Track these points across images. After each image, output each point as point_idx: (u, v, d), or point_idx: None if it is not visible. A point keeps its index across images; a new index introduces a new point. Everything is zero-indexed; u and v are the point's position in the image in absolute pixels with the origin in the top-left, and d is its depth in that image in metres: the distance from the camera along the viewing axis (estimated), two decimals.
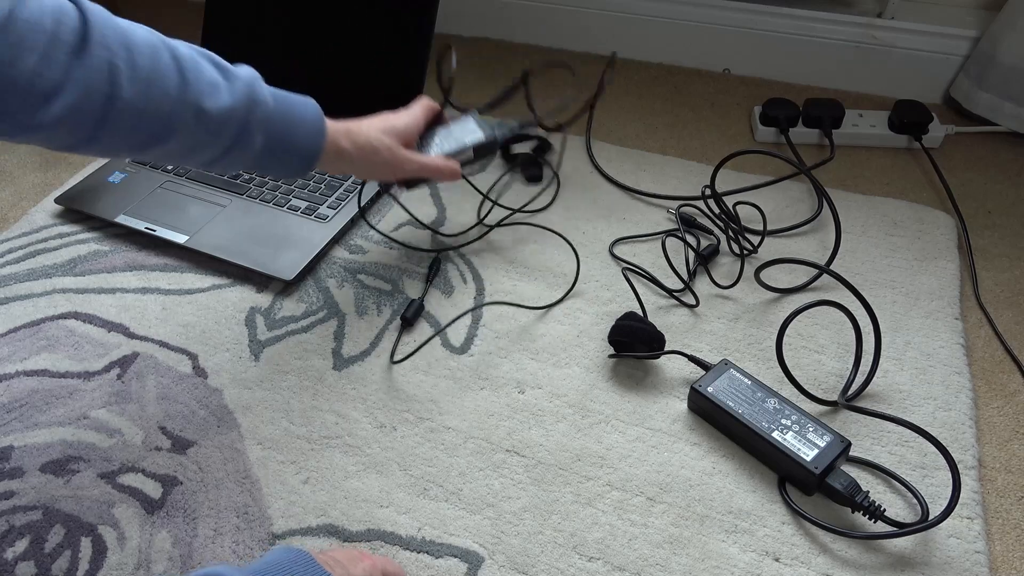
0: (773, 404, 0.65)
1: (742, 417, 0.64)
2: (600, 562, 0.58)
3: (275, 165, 0.65)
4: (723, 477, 0.64)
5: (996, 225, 0.89)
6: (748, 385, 0.66)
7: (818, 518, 0.60)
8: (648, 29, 1.17)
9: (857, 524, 0.60)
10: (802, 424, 0.63)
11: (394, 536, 0.60)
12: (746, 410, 0.64)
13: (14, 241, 0.88)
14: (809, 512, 0.61)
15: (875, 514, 0.58)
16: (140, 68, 0.52)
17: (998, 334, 0.76)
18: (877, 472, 0.63)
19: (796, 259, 0.77)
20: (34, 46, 0.47)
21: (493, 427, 0.68)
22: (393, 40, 0.92)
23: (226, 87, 0.58)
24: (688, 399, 0.69)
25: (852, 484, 0.60)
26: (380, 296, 0.80)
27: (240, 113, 0.59)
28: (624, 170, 0.96)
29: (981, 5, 1.08)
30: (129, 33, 0.53)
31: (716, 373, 0.68)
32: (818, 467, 0.60)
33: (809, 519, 0.60)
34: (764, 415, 0.64)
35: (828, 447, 0.61)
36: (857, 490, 0.59)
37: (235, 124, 0.59)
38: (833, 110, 1.00)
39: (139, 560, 0.59)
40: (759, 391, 0.66)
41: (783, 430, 0.63)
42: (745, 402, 0.65)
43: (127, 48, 0.52)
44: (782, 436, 0.62)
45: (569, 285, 0.81)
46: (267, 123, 0.62)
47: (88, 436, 0.68)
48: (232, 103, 0.58)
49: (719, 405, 0.65)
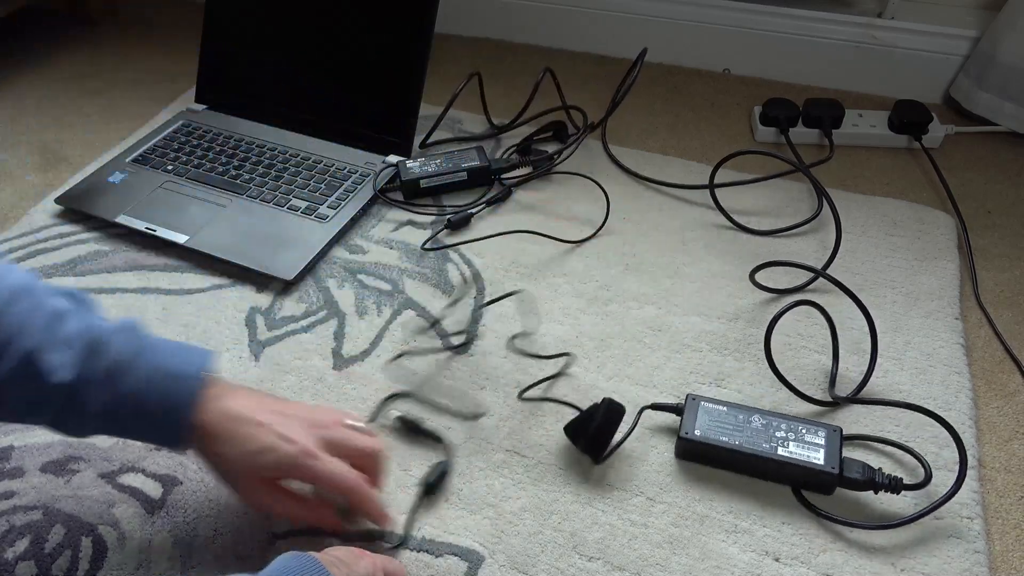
0: (759, 421, 0.63)
1: (741, 448, 0.62)
2: (600, 562, 0.58)
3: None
4: (723, 477, 0.64)
5: (996, 225, 0.89)
6: (726, 412, 0.64)
7: (837, 515, 0.60)
8: (648, 29, 1.17)
9: (875, 507, 0.60)
10: (795, 430, 0.62)
11: (394, 536, 0.60)
12: (740, 439, 0.62)
13: (14, 241, 0.88)
14: (827, 511, 0.61)
15: (896, 487, 0.59)
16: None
17: (998, 334, 0.76)
18: (871, 445, 0.65)
19: (792, 262, 0.77)
20: None
21: (493, 427, 0.68)
22: (393, 40, 0.92)
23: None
24: (676, 450, 0.65)
25: (866, 468, 0.60)
26: (380, 296, 0.80)
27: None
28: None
29: (981, 5, 1.08)
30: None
31: (691, 412, 0.64)
32: (834, 467, 0.60)
33: (837, 520, 0.60)
34: (758, 436, 0.62)
35: (829, 443, 0.61)
36: (872, 472, 0.60)
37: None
38: (833, 110, 1.00)
39: (139, 560, 0.59)
40: (739, 413, 0.64)
41: (783, 444, 0.62)
42: (735, 431, 0.63)
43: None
44: (786, 450, 0.61)
45: (569, 285, 0.81)
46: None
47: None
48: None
49: (714, 444, 0.62)
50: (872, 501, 0.61)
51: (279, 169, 0.93)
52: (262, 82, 1.01)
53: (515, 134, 1.02)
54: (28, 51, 1.27)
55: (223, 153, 0.96)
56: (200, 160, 0.95)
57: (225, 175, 0.93)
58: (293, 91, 1.00)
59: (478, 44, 1.25)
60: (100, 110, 1.12)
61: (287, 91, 1.00)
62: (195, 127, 1.01)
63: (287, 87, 1.00)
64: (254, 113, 1.02)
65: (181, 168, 0.94)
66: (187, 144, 0.98)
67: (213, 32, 1.03)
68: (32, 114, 1.12)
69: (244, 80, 1.02)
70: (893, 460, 0.64)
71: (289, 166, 0.94)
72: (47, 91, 1.17)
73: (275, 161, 0.95)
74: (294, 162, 0.94)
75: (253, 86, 1.02)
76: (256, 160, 0.95)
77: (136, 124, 1.09)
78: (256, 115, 1.02)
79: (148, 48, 1.28)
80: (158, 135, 1.00)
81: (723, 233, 0.87)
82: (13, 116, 1.11)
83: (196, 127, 1.01)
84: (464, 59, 1.21)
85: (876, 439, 0.65)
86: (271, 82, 1.01)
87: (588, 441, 0.63)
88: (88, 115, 1.11)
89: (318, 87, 0.98)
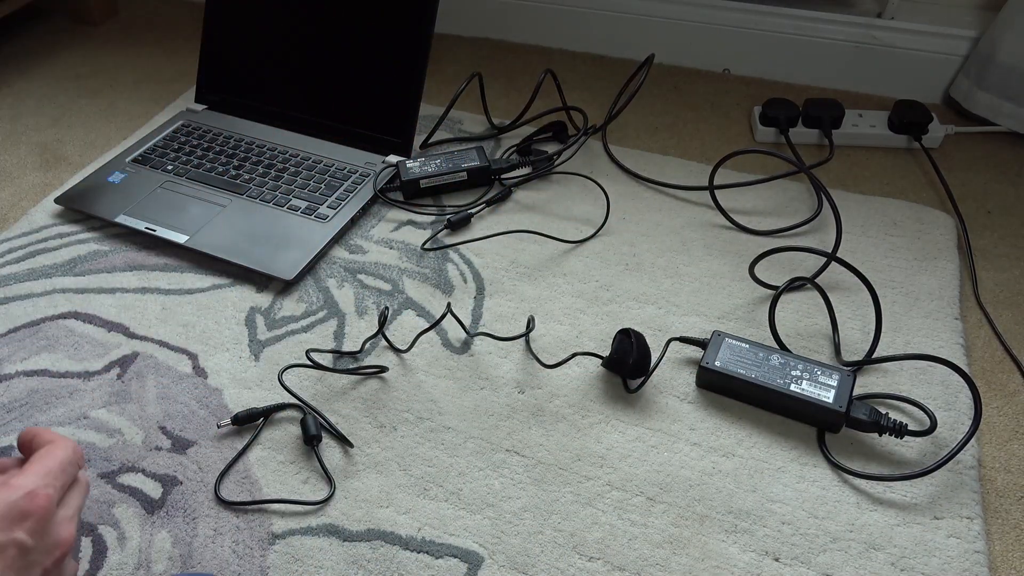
0: (777, 359, 0.68)
1: (756, 380, 0.67)
2: (600, 562, 0.58)
3: None
4: (723, 477, 0.64)
5: (996, 225, 0.89)
6: (748, 349, 0.69)
7: (852, 467, 0.63)
8: (648, 29, 1.17)
9: (882, 452, 0.62)
10: (811, 371, 0.67)
11: (394, 536, 0.60)
12: (757, 373, 0.67)
13: (14, 241, 0.88)
14: (844, 462, 0.64)
15: (900, 431, 0.63)
16: None
17: (998, 334, 0.76)
18: (882, 403, 0.69)
19: (801, 247, 0.77)
20: None
21: (493, 427, 0.68)
22: (393, 40, 0.92)
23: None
24: (697, 378, 0.70)
25: (873, 411, 0.64)
26: (380, 296, 0.80)
27: None
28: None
29: (981, 5, 1.08)
30: None
31: (715, 346, 0.70)
32: (842, 406, 0.64)
33: (850, 471, 0.63)
34: (774, 372, 0.67)
35: (841, 384, 0.65)
36: (879, 415, 0.63)
37: None
38: (833, 110, 1.00)
39: (139, 560, 0.59)
40: (760, 351, 0.69)
41: (797, 381, 0.66)
42: (753, 365, 0.68)
43: None
44: (798, 387, 0.65)
45: (569, 285, 0.81)
46: None
47: (88, 436, 0.68)
48: None
49: (731, 375, 0.67)
50: (885, 455, 0.63)
51: (279, 169, 0.93)
52: (262, 82, 1.01)
53: (515, 134, 1.02)
54: (28, 51, 1.27)
55: (223, 153, 0.96)
56: (200, 160, 0.95)
57: (225, 175, 0.93)
58: (293, 91, 1.00)
59: (478, 44, 1.25)
60: (100, 110, 1.12)
61: (287, 91, 1.00)
62: (195, 127, 1.01)
63: (287, 87, 1.00)
64: (254, 113, 1.02)
65: (181, 168, 0.94)
66: (187, 144, 0.98)
67: (213, 32, 1.03)
68: (32, 114, 1.12)
69: (244, 80, 1.02)
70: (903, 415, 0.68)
71: (289, 166, 0.94)
72: (47, 91, 1.17)
73: (275, 161, 0.95)
74: (294, 162, 0.94)
75: (253, 86, 1.02)
76: (256, 160, 0.95)
77: (136, 124, 1.09)
78: (256, 115, 1.02)
79: (148, 48, 1.28)
80: (158, 135, 1.00)
81: (723, 233, 0.87)
82: (13, 116, 1.11)
83: (196, 127, 1.01)
84: (464, 59, 1.21)
85: (884, 395, 0.69)
86: (271, 82, 1.01)
87: (631, 369, 0.68)
88: (88, 115, 1.11)
89: (318, 87, 0.98)
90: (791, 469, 0.64)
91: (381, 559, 0.59)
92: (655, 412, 0.69)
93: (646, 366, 0.69)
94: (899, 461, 0.64)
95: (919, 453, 0.65)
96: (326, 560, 0.59)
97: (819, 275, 0.79)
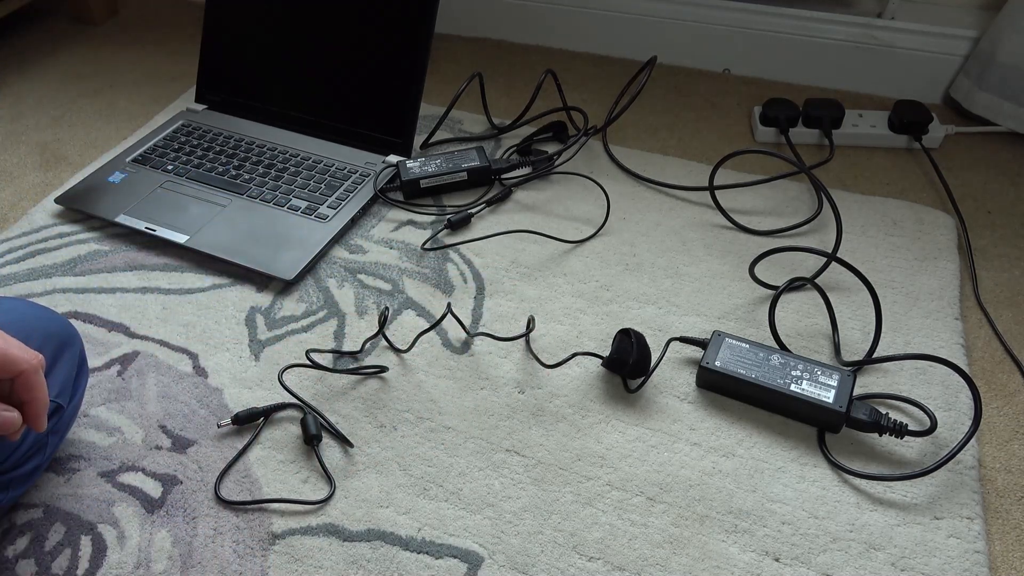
0: (777, 359, 0.68)
1: (756, 380, 0.67)
2: (600, 562, 0.58)
3: None
4: (723, 477, 0.64)
5: (996, 225, 0.89)
6: (748, 349, 0.69)
7: (852, 467, 0.63)
8: (648, 29, 1.17)
9: (882, 453, 0.61)
10: (811, 371, 0.67)
11: (394, 536, 0.60)
12: (757, 373, 0.67)
13: (14, 241, 0.88)
14: (844, 462, 0.64)
15: (901, 431, 0.63)
16: None
17: (998, 334, 0.76)
18: (882, 403, 0.69)
19: (801, 247, 0.77)
20: None
21: (493, 427, 0.68)
22: (393, 40, 0.92)
23: None
24: (697, 378, 0.70)
25: (873, 411, 0.64)
26: (380, 296, 0.80)
27: None
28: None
29: (981, 5, 1.08)
30: None
31: (715, 346, 0.70)
32: (842, 406, 0.64)
33: (850, 471, 0.63)
34: (774, 372, 0.67)
35: (841, 384, 0.65)
36: (879, 415, 0.63)
37: None
38: (833, 110, 1.00)
39: (139, 559, 0.59)
40: (760, 351, 0.69)
41: (797, 381, 0.66)
42: (753, 365, 0.68)
43: None
44: (799, 387, 0.65)
45: (569, 285, 0.81)
46: None
47: (88, 434, 0.68)
48: None
49: (731, 375, 0.67)
50: (885, 455, 0.63)
51: (279, 169, 0.93)
52: (262, 82, 1.01)
53: (515, 134, 1.02)
54: (28, 51, 1.27)
55: (223, 153, 0.96)
56: (200, 160, 0.95)
57: (225, 175, 0.93)
58: (293, 91, 1.00)
59: (478, 44, 1.25)
60: (100, 110, 1.12)
61: (287, 91, 1.00)
62: (195, 127, 1.01)
63: (287, 87, 1.00)
64: (254, 113, 1.02)
65: (181, 168, 0.94)
66: (187, 144, 0.98)
67: (213, 32, 1.03)
68: (32, 114, 1.12)
69: (244, 80, 1.02)
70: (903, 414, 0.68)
71: (289, 166, 0.94)
72: (47, 91, 1.17)
73: (275, 161, 0.95)
74: (294, 162, 0.94)
75: (253, 86, 1.02)
76: (256, 160, 0.95)
77: (136, 124, 1.09)
78: (256, 115, 1.02)
79: (148, 48, 1.28)
80: (158, 135, 1.00)
81: (723, 233, 0.87)
82: (13, 116, 1.11)
83: (196, 127, 1.01)
84: (464, 59, 1.21)
85: (884, 396, 0.68)
86: (271, 82, 1.01)
87: (631, 369, 0.68)
88: (88, 115, 1.11)
89: (318, 87, 0.98)
90: (791, 469, 0.64)
91: (381, 559, 0.59)
92: (655, 412, 0.69)
93: (646, 366, 0.69)
94: (899, 461, 0.64)
95: (919, 453, 0.65)
96: (326, 560, 0.59)
97: (819, 275, 0.80)
